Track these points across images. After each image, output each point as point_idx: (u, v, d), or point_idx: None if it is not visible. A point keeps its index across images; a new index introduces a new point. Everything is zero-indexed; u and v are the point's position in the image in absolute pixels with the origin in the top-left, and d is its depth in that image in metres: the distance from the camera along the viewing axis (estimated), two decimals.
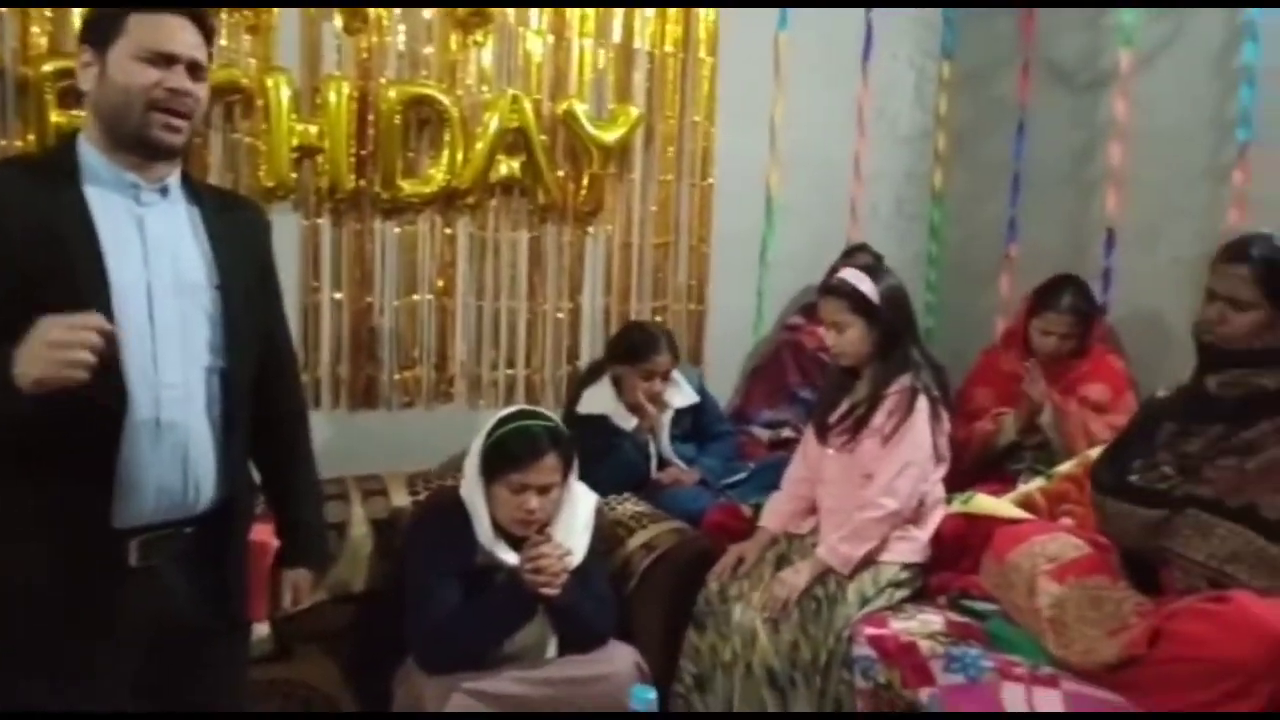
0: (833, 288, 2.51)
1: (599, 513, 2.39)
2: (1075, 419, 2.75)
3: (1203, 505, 1.92)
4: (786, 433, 3.28)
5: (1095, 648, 1.90)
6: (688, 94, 3.29)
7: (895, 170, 3.75)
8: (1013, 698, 1.94)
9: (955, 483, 2.60)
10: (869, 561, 2.37)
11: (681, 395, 3.05)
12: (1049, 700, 1.89)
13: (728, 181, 3.38)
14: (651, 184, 3.28)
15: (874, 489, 2.38)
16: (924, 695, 2.07)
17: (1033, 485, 2.55)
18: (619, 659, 2.26)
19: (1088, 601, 1.97)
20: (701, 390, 3.13)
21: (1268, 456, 1.88)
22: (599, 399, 2.96)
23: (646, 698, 1.77)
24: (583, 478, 2.35)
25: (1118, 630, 1.90)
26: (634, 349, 2.93)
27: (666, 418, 3.01)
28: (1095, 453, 2.34)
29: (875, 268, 2.61)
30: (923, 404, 2.39)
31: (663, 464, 3.01)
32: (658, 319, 3.31)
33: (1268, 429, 1.89)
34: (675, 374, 3.02)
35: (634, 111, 3.14)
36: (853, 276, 2.49)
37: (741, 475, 3.02)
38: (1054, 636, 1.97)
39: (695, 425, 3.10)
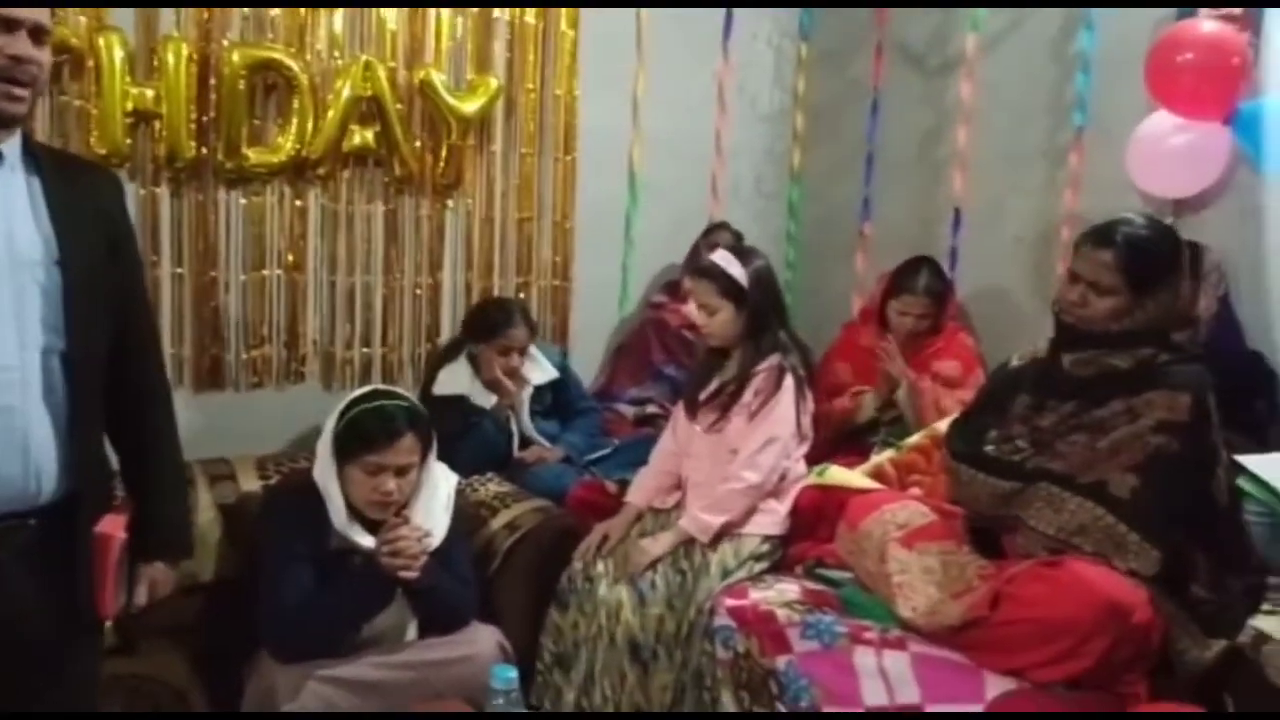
0: (703, 270, 2.53)
1: (460, 494, 2.35)
2: (929, 395, 2.85)
3: (1054, 479, 2.00)
4: (652, 409, 3.30)
5: (941, 610, 1.98)
6: (549, 66, 3.25)
7: (755, 148, 3.80)
8: (864, 661, 2.00)
9: (816, 456, 2.66)
10: (730, 533, 2.41)
11: (540, 371, 3.02)
12: (897, 662, 1.96)
13: (591, 156, 3.36)
14: (513, 157, 3.23)
15: (737, 463, 2.42)
16: (781, 662, 2.12)
17: (884, 456, 2.63)
18: (482, 640, 2.23)
19: (934, 566, 2.05)
20: (562, 366, 3.11)
21: (1118, 436, 1.95)
22: (456, 378, 2.90)
23: (507, 677, 1.75)
24: (443, 459, 2.31)
25: (961, 593, 1.99)
26: (489, 324, 2.88)
27: (526, 394, 2.99)
28: (944, 425, 2.42)
29: (745, 250, 2.64)
30: (789, 383, 2.44)
31: (525, 442, 2.98)
32: (521, 296, 3.27)
33: (1119, 409, 1.96)
34: (533, 350, 2.99)
35: (493, 82, 3.08)
36: (723, 260, 2.51)
37: (606, 451, 3.03)
38: (902, 600, 2.04)
39: (557, 402, 3.08)
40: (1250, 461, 2.23)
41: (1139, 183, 2.82)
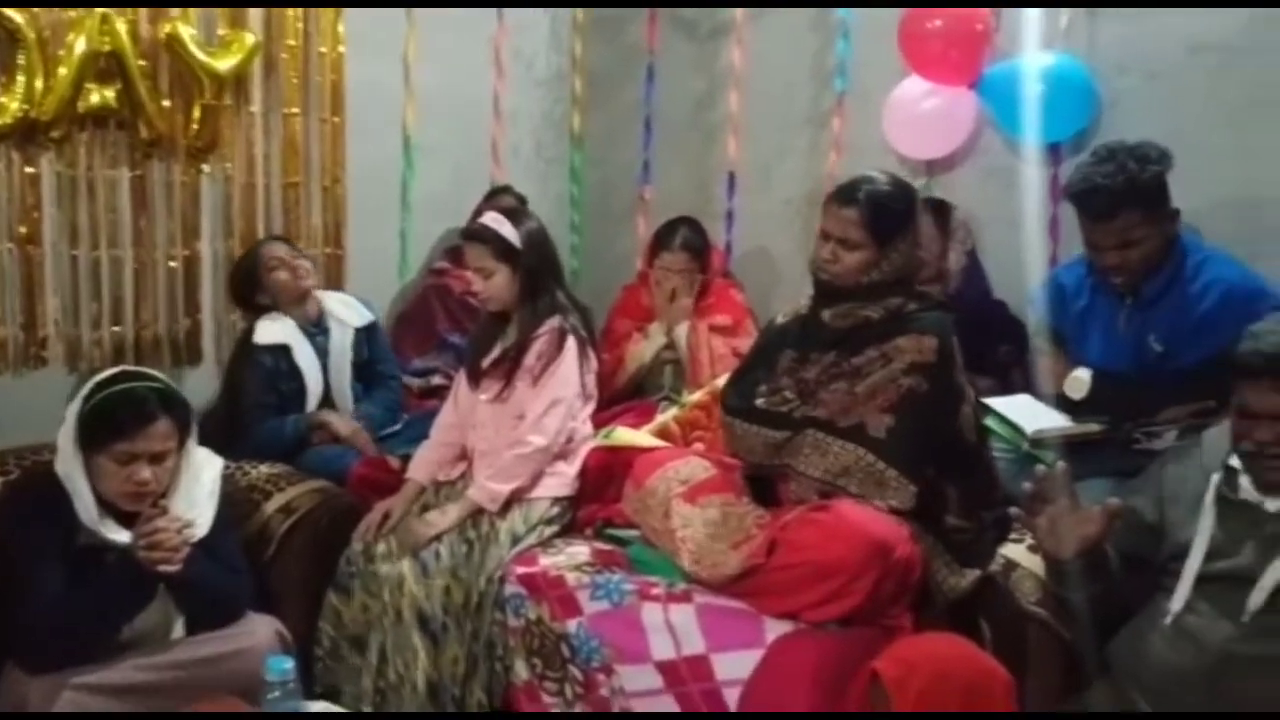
0: (474, 233, 2.49)
1: (228, 478, 2.21)
2: (702, 335, 2.98)
3: (819, 426, 2.10)
4: (438, 380, 3.21)
5: (722, 561, 2.04)
6: (311, 22, 3.07)
7: (534, 112, 3.75)
8: (651, 616, 2.04)
9: (606, 418, 2.70)
10: (520, 499, 2.39)
11: (357, 314, 2.94)
12: (683, 614, 2.02)
13: (361, 117, 3.21)
14: (275, 118, 3.04)
15: (523, 427, 2.40)
16: (572, 625, 2.14)
17: (668, 415, 2.69)
18: (258, 631, 2.11)
19: (715, 518, 2.11)
20: (375, 318, 3.02)
21: (873, 381, 2.07)
22: (281, 325, 2.80)
23: (282, 668, 1.67)
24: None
25: (741, 543, 2.05)
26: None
27: (346, 339, 2.89)
28: (722, 381, 2.50)
29: (516, 211, 2.62)
30: (571, 344, 2.43)
31: (326, 400, 2.85)
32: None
33: (873, 355, 2.09)
34: (346, 296, 2.96)
35: (250, 38, 2.89)
36: (493, 221, 2.47)
37: (396, 428, 2.94)
38: (687, 554, 2.09)
39: (368, 357, 2.97)
40: (996, 402, 2.42)
41: (895, 145, 2.98)
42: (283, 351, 2.79)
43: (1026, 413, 2.40)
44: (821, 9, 3.23)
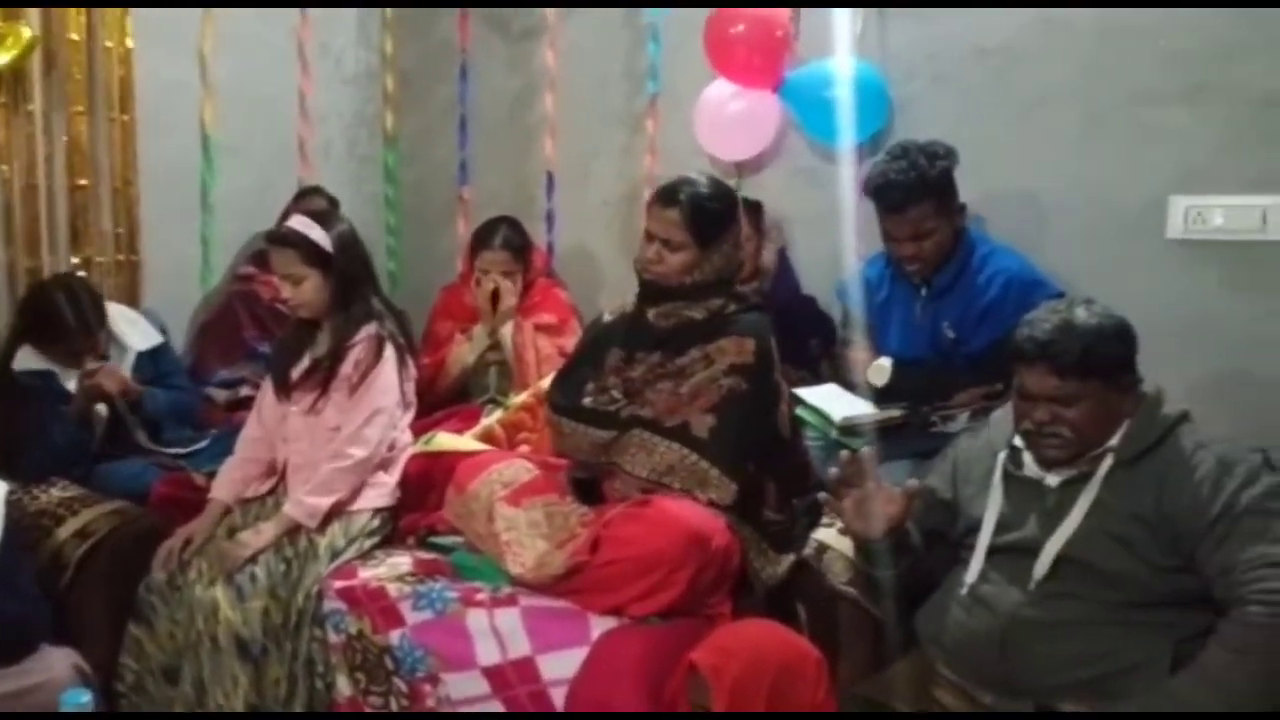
0: (281, 238, 2.39)
1: (14, 504, 2.06)
2: (528, 335, 2.96)
3: (645, 425, 2.13)
4: (245, 391, 3.06)
5: (546, 561, 2.04)
6: (95, 15, 2.88)
7: (345, 110, 3.64)
8: (477, 623, 2.02)
9: (429, 423, 2.66)
10: (339, 513, 2.31)
11: (141, 335, 2.75)
12: (508, 618, 2.00)
13: (154, 115, 3.04)
14: (58, 117, 2.84)
15: (341, 439, 2.33)
16: (395, 637, 2.10)
17: (493, 418, 2.67)
18: (55, 665, 1.98)
19: (539, 519, 2.11)
20: (164, 338, 2.85)
21: (696, 380, 2.12)
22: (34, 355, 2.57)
23: (77, 701, 1.57)
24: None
25: (566, 542, 2.06)
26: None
27: (127, 363, 2.69)
28: (547, 383, 2.50)
29: (327, 214, 2.53)
30: (390, 352, 2.37)
31: (115, 433, 2.65)
32: (81, 274, 2.89)
33: (697, 356, 2.14)
34: (132, 313, 2.76)
35: (26, 32, 2.68)
36: (302, 225, 2.38)
37: (203, 444, 2.78)
38: (511, 557, 2.08)
39: (157, 375, 2.78)
40: (807, 393, 2.52)
41: (706, 147, 3.05)
42: (50, 376, 2.58)
43: (834, 401, 2.51)
44: (630, 9, 3.27)
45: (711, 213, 2.14)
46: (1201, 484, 1.72)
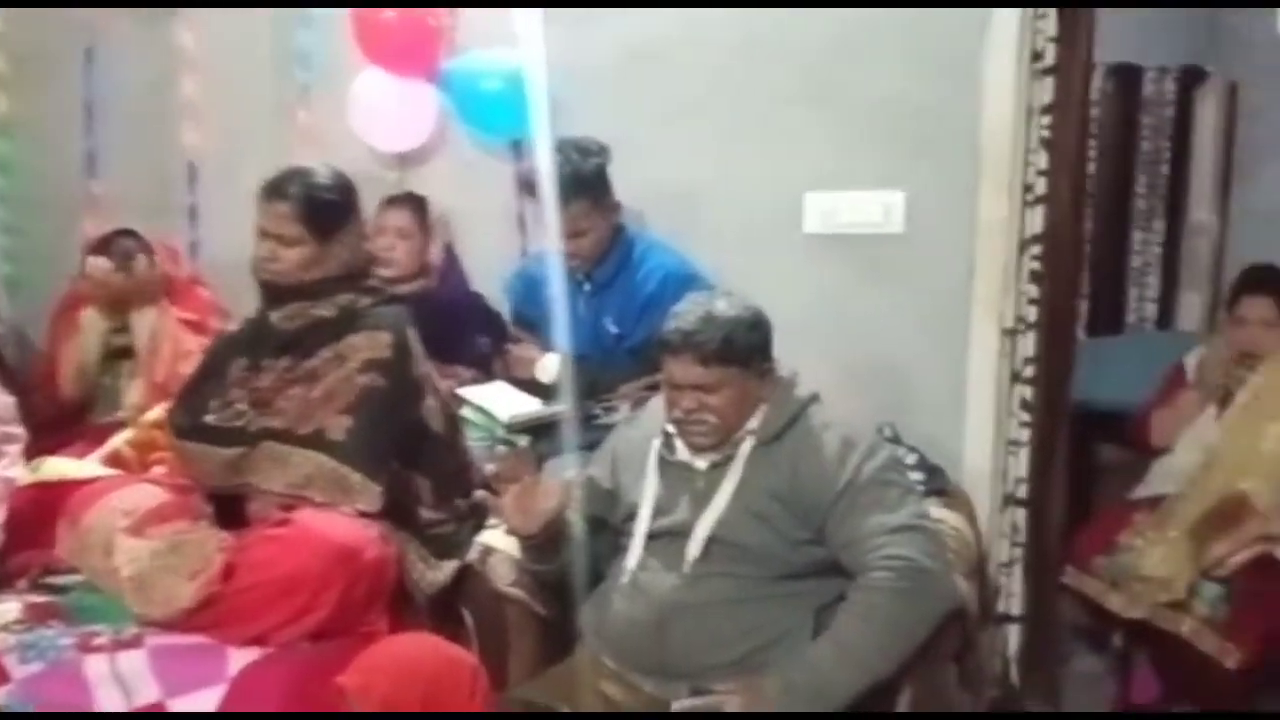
0: None
1: None
2: (170, 325, 2.69)
3: (276, 436, 1.99)
4: None
5: (175, 594, 1.84)
6: None
7: None
8: (97, 669, 1.79)
9: (51, 445, 2.37)
10: None
11: None
12: (133, 661, 1.79)
13: None
14: None
15: None
16: (2, 696, 1.82)
17: (120, 439, 2.39)
18: None
19: (168, 550, 1.89)
20: None
21: (329, 382, 2.00)
22: None
23: None
24: None
25: (199, 572, 1.86)
26: None
27: None
28: None
29: None
30: None
31: None
32: None
33: (328, 356, 2.02)
34: None
35: None
36: None
37: None
38: (135, 594, 1.86)
39: None
40: (472, 393, 2.47)
41: (363, 137, 2.91)
42: None
43: (501, 400, 2.48)
44: None
45: (327, 204, 2.05)
46: (828, 460, 1.84)
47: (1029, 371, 2.58)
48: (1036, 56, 2.49)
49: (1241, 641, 2.37)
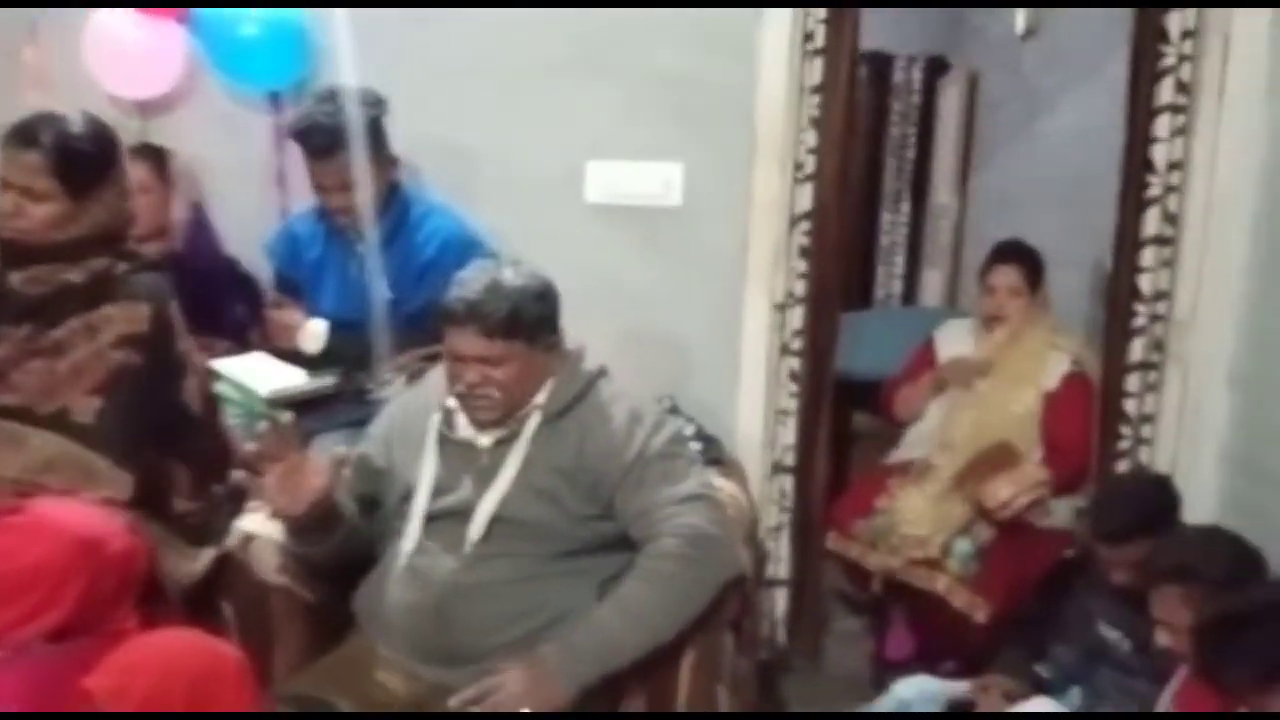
0: None
1: None
2: None
3: (13, 415, 1.79)
4: None
5: None
6: None
7: None
8: None
9: None
10: None
11: None
12: None
13: None
14: None
15: None
16: None
17: None
18: None
19: None
20: None
21: (78, 356, 1.81)
22: None
23: None
24: None
25: None
26: None
27: None
28: None
29: None
30: None
31: None
32: None
33: (76, 326, 1.83)
34: None
35: None
36: None
37: None
38: None
39: None
40: (227, 366, 2.28)
41: (100, 81, 2.61)
42: None
43: (261, 373, 2.30)
44: None
45: (83, 156, 1.84)
46: (616, 434, 1.83)
47: (797, 344, 2.69)
48: (808, 37, 2.57)
49: (990, 596, 2.56)
